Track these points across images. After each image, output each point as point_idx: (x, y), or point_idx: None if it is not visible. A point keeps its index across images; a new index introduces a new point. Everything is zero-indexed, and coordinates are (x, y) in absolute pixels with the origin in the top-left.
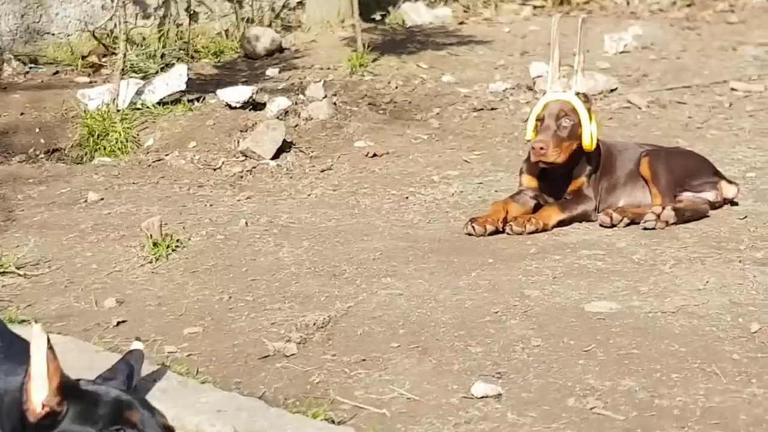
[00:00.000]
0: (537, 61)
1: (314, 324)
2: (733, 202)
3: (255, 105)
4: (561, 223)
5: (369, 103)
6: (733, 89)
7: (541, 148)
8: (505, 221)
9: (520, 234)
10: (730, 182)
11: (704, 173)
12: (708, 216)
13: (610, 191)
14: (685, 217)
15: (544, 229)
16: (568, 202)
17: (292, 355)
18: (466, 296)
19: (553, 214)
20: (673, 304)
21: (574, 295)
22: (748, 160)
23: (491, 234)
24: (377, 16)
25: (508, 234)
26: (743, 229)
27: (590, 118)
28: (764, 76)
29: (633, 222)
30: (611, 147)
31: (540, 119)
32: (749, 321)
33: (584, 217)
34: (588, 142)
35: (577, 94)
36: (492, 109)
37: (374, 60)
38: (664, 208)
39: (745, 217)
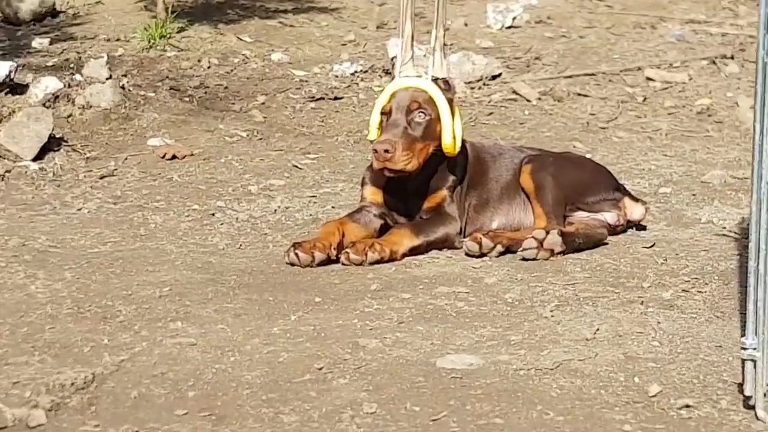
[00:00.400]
0: (398, 37)
1: (72, 384)
2: (639, 226)
3: (13, 87)
4: (414, 251)
5: (170, 88)
6: (649, 79)
7: (386, 151)
8: (340, 247)
9: (360, 264)
10: (635, 200)
11: (603, 188)
12: (606, 243)
13: (481, 209)
14: (576, 244)
15: (392, 258)
16: (424, 222)
17: (39, 426)
18: (281, 347)
19: (403, 239)
20: (552, 359)
21: (424, 345)
22: (662, 172)
23: (321, 264)
24: None
25: (343, 264)
26: (649, 261)
27: (453, 112)
28: (689, 63)
29: (509, 250)
30: (482, 151)
31: (386, 113)
32: (647, 381)
33: (445, 243)
34: (449, 144)
35: (435, 80)
36: (335, 98)
37: (181, 30)
38: (548, 233)
39: (653, 245)
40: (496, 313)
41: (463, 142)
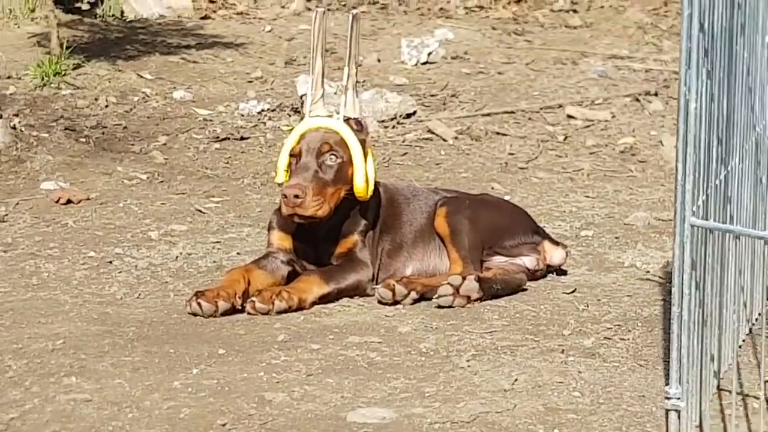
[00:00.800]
0: (307, 74)
1: None
2: (559, 270)
3: None
4: (324, 299)
5: (66, 128)
6: (570, 116)
7: (296, 197)
8: (245, 296)
9: (266, 314)
10: (555, 243)
11: (521, 231)
12: (525, 289)
13: (394, 255)
14: (493, 290)
15: (300, 307)
16: (334, 269)
17: None
18: (182, 402)
19: (312, 286)
20: (469, 412)
21: (334, 399)
22: (584, 214)
23: (225, 314)
24: (84, 5)
25: (249, 314)
26: (570, 307)
27: (365, 154)
28: (611, 100)
29: (423, 297)
30: (396, 193)
31: (296, 155)
32: None
33: (357, 290)
34: (361, 187)
35: (347, 120)
36: (242, 138)
37: (77, 67)
38: (465, 279)
39: (574, 290)
40: (410, 363)
41: (376, 184)
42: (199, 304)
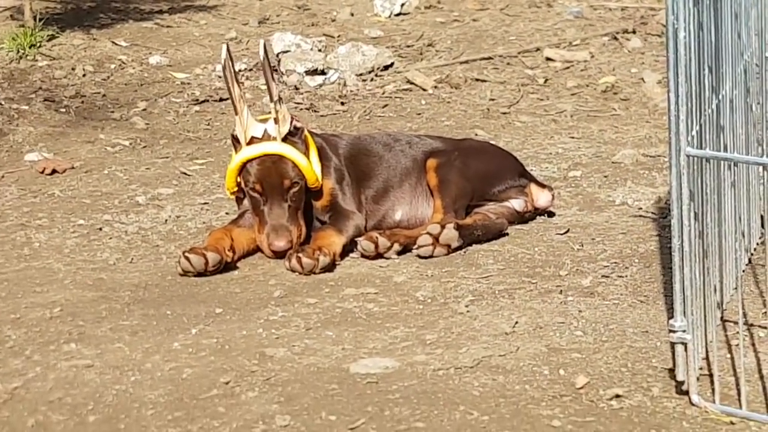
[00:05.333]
0: (282, 31)
1: None
2: (549, 213)
3: None
4: (344, 249)
5: (45, 99)
6: (548, 59)
7: (287, 247)
8: (233, 250)
9: (310, 273)
10: (542, 186)
11: (509, 175)
12: (506, 234)
13: (380, 200)
14: (474, 237)
15: (333, 261)
16: (336, 222)
17: None
18: (184, 363)
19: (333, 239)
20: (471, 356)
21: (335, 351)
22: (570, 154)
23: (215, 269)
24: None
25: (292, 270)
26: (565, 248)
27: (308, 152)
28: (589, 40)
29: (407, 248)
30: (366, 144)
31: (257, 192)
32: (573, 373)
33: (361, 235)
34: (313, 184)
35: (284, 138)
36: (220, 99)
37: (52, 38)
38: (443, 227)
39: (567, 231)
40: (409, 312)
41: (336, 139)
42: (187, 257)
